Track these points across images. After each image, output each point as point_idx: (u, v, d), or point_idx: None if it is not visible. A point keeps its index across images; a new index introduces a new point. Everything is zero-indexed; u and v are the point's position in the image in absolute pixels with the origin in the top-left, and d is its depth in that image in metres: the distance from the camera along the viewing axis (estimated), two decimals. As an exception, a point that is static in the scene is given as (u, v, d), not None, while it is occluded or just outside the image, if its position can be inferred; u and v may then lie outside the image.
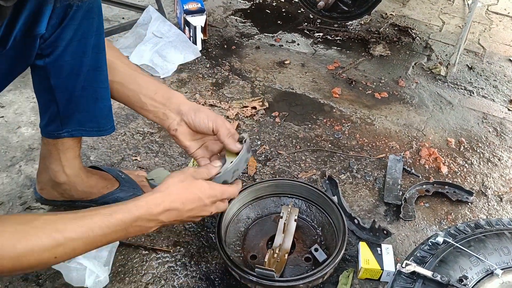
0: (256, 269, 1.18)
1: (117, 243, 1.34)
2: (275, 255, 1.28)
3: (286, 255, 1.31)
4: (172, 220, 1.05)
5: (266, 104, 2.02)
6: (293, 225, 1.37)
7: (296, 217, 1.38)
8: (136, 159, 1.68)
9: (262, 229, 1.43)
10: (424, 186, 1.65)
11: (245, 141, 1.20)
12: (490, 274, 1.04)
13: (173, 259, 1.36)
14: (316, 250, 1.33)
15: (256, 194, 1.46)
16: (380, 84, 2.26)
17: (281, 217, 1.37)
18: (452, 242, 1.09)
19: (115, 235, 0.96)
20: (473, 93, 2.27)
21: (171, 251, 1.38)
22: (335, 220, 1.37)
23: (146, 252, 1.37)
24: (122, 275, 1.31)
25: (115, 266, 1.33)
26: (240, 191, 1.38)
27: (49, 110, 1.21)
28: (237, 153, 1.19)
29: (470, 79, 2.37)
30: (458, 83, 2.32)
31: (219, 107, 1.98)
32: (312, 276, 1.19)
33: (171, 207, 1.02)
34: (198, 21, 2.27)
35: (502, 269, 1.03)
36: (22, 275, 1.27)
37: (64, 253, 0.89)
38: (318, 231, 1.42)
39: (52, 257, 0.87)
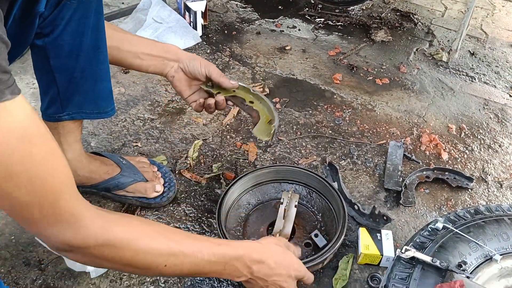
0: None
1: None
2: None
3: (286, 240, 1.30)
4: (259, 277, 1.04)
5: (267, 90, 2.02)
6: (293, 211, 1.37)
7: (296, 203, 1.38)
8: (137, 145, 1.68)
9: (263, 214, 1.43)
10: (424, 172, 1.65)
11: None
12: (489, 259, 1.04)
13: (174, 244, 1.37)
14: (316, 235, 1.34)
15: (256, 180, 1.46)
16: (381, 70, 2.25)
17: (282, 203, 1.38)
18: (452, 228, 1.09)
19: (215, 267, 0.96)
20: (475, 79, 2.26)
21: (172, 236, 1.39)
22: (335, 206, 1.38)
23: (147, 237, 1.38)
24: (124, 260, 1.32)
25: (117, 251, 1.33)
26: (241, 177, 1.42)
27: (49, 92, 1.21)
28: (231, 89, 1.33)
29: (472, 65, 2.36)
30: (460, 69, 2.31)
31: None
32: (312, 262, 1.19)
33: (266, 261, 1.03)
34: (198, 6, 2.25)
35: (501, 255, 1.04)
36: (25, 260, 1.28)
37: (173, 264, 0.90)
38: (318, 217, 1.43)
39: (163, 264, 0.88)
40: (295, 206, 1.38)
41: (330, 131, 1.83)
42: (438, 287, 0.90)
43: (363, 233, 1.37)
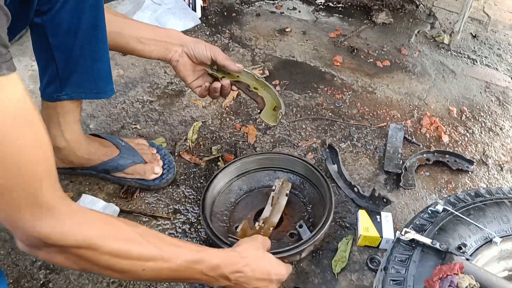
0: (229, 238, 1.19)
1: (118, 210, 1.34)
2: (258, 227, 1.27)
3: (271, 228, 1.28)
4: (239, 283, 1.03)
5: (267, 72, 2.00)
6: (283, 200, 1.33)
7: (288, 192, 1.35)
8: (136, 127, 1.67)
9: (253, 201, 1.41)
10: (424, 155, 1.65)
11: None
12: (489, 242, 1.04)
13: (173, 226, 1.37)
14: (300, 226, 1.31)
15: (249, 167, 1.44)
16: (382, 52, 2.23)
17: (273, 190, 1.35)
18: (452, 210, 1.09)
19: (192, 273, 0.94)
20: (477, 61, 2.24)
21: (171, 218, 1.39)
22: (326, 199, 1.34)
23: (147, 219, 1.38)
24: (123, 242, 1.32)
25: (116, 233, 1.33)
26: (232, 162, 1.42)
27: (48, 71, 1.20)
28: (237, 72, 1.32)
29: (474, 48, 2.34)
30: (462, 52, 2.29)
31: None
32: (288, 252, 1.18)
33: (243, 270, 1.02)
34: (197, -13, 2.22)
35: (501, 237, 1.04)
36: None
37: (151, 269, 0.87)
38: (308, 208, 1.41)
39: (141, 268, 0.85)
40: (286, 195, 1.34)
41: (330, 114, 1.82)
42: (437, 269, 0.90)
43: (362, 215, 1.37)
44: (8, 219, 0.73)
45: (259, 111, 1.37)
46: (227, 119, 1.75)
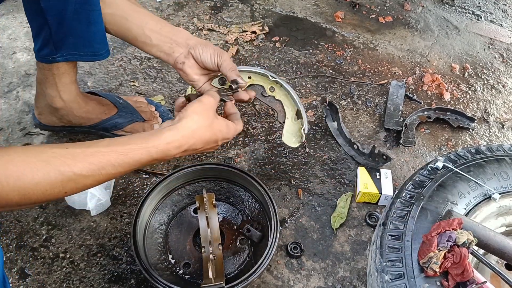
0: None
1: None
2: (206, 252, 1.13)
3: (220, 246, 1.16)
4: (187, 153, 1.00)
5: (266, 28, 1.96)
6: (214, 213, 1.21)
7: (214, 202, 1.22)
8: (134, 85, 1.65)
9: (181, 229, 1.27)
10: (425, 113, 1.63)
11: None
12: (488, 198, 1.04)
13: (173, 183, 1.37)
14: (248, 231, 1.23)
15: (160, 195, 1.26)
16: (385, 8, 2.17)
17: (199, 209, 1.21)
18: (452, 167, 1.09)
19: (128, 169, 0.90)
20: (481, 17, 2.19)
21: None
22: (253, 190, 1.27)
23: (147, 176, 1.38)
24: (124, 198, 1.33)
25: (116, 190, 1.34)
26: (142, 202, 1.20)
27: (42, 34, 1.17)
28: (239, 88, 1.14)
29: (479, 3, 2.28)
30: (466, 7, 2.24)
31: (218, 31, 1.92)
32: (256, 273, 1.09)
33: (189, 148, 0.98)
34: None
35: (500, 194, 1.04)
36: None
37: (74, 187, 0.84)
38: (241, 207, 1.31)
39: (62, 191, 0.82)
40: (214, 206, 1.22)
41: (331, 71, 1.80)
42: (436, 224, 0.91)
43: (362, 172, 1.37)
44: None
45: (279, 122, 1.20)
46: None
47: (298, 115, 1.19)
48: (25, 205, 0.81)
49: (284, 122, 1.20)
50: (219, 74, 1.17)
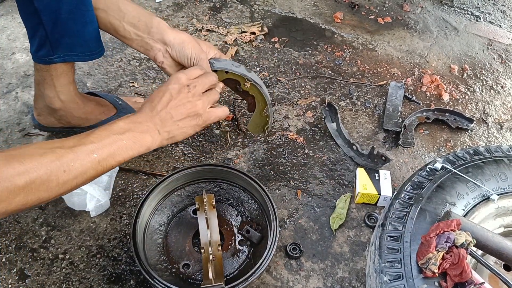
0: None
1: (117, 168, 1.34)
2: (206, 253, 1.13)
3: (219, 247, 1.17)
4: (161, 124, 0.99)
5: (266, 29, 1.96)
6: (213, 214, 1.21)
7: (214, 204, 1.22)
8: (134, 86, 1.66)
9: (181, 230, 1.26)
10: (424, 113, 1.64)
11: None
12: (486, 199, 1.05)
13: (172, 184, 1.37)
14: (248, 232, 1.22)
15: (160, 196, 1.26)
16: (384, 9, 2.18)
17: (198, 209, 1.22)
18: (450, 168, 1.09)
19: (113, 146, 0.91)
20: (480, 18, 2.20)
21: (171, 176, 1.39)
22: (253, 191, 1.27)
23: (146, 177, 1.39)
24: (123, 199, 1.33)
25: (116, 191, 1.34)
26: (144, 198, 1.19)
27: (37, 34, 1.17)
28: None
29: (478, 4, 2.28)
30: (465, 8, 2.24)
31: (217, 32, 1.92)
32: (255, 274, 1.09)
33: (157, 104, 0.98)
34: None
35: (498, 195, 1.04)
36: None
37: (71, 164, 0.84)
38: (240, 208, 1.31)
39: (61, 169, 0.83)
40: (214, 207, 1.22)
41: (330, 71, 1.80)
42: (435, 225, 0.91)
43: (361, 173, 1.37)
44: None
45: (247, 114, 1.26)
46: (226, 77, 1.73)
47: (267, 111, 1.25)
48: (31, 194, 0.81)
49: (253, 113, 1.26)
50: None
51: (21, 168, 0.78)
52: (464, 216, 0.99)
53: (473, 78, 1.85)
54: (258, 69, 1.77)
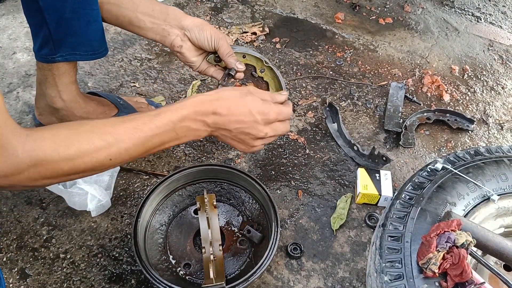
0: None
1: (118, 168, 1.35)
2: (208, 253, 1.13)
3: (220, 247, 1.17)
4: (219, 127, 1.00)
5: (267, 29, 1.96)
6: (214, 214, 1.21)
7: (215, 203, 1.22)
8: (135, 85, 1.66)
9: (182, 230, 1.26)
10: (425, 114, 1.64)
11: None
12: (486, 199, 1.05)
13: (173, 184, 1.38)
14: (249, 232, 1.22)
15: (161, 196, 1.26)
16: (385, 9, 2.18)
17: (199, 209, 1.22)
18: (451, 168, 1.09)
19: (166, 136, 0.93)
20: (481, 19, 2.20)
21: (172, 176, 1.39)
22: (254, 191, 1.27)
23: (147, 177, 1.39)
24: (124, 199, 1.33)
25: (117, 191, 1.35)
26: (146, 198, 1.20)
27: (40, 33, 1.17)
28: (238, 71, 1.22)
29: (478, 5, 2.29)
30: (466, 9, 2.25)
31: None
32: (256, 274, 1.09)
33: (216, 110, 0.97)
34: None
35: (498, 195, 1.04)
36: (27, 199, 1.29)
37: (118, 153, 0.88)
38: (241, 208, 1.31)
39: (107, 158, 0.86)
40: (215, 207, 1.22)
41: (331, 72, 1.80)
42: (435, 225, 0.91)
43: (362, 173, 1.37)
44: None
45: None
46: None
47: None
48: (75, 174, 0.86)
49: None
50: (215, 56, 1.21)
51: (66, 155, 0.82)
52: (464, 217, 0.99)
53: (474, 78, 1.86)
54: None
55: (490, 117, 1.69)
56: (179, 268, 1.19)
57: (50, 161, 0.80)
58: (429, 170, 1.11)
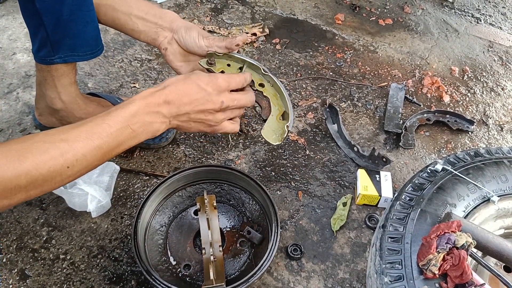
0: None
1: (118, 169, 1.35)
2: (208, 254, 1.12)
3: (221, 248, 1.16)
4: (176, 115, 0.97)
5: (267, 30, 1.96)
6: (214, 214, 1.20)
7: (215, 204, 1.21)
8: (135, 86, 1.66)
9: (182, 230, 1.26)
10: (425, 115, 1.64)
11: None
12: (486, 201, 1.05)
13: (173, 185, 1.38)
14: (249, 233, 1.22)
15: (161, 197, 1.26)
16: (385, 10, 2.18)
17: (199, 210, 1.20)
18: (451, 169, 1.09)
19: (121, 134, 0.90)
20: (480, 20, 2.20)
21: (172, 177, 1.39)
22: (254, 192, 1.27)
23: (147, 177, 1.39)
24: (124, 200, 1.33)
25: (117, 191, 1.35)
26: (146, 199, 1.20)
27: (38, 35, 1.17)
28: (230, 50, 1.15)
29: (478, 6, 2.29)
30: (466, 10, 2.25)
31: (218, 33, 1.92)
32: (256, 275, 1.08)
33: (167, 97, 0.95)
34: None
35: (498, 196, 1.05)
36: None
37: (74, 160, 0.84)
38: (241, 209, 1.31)
39: (65, 166, 0.83)
40: (215, 208, 1.21)
41: (331, 73, 1.80)
42: (435, 227, 0.91)
43: (362, 174, 1.37)
44: None
45: (262, 120, 1.14)
46: (227, 78, 1.74)
47: (285, 116, 1.15)
48: (35, 188, 0.82)
49: (267, 119, 1.15)
50: (207, 55, 1.14)
51: (22, 168, 0.78)
52: (464, 218, 0.99)
53: (474, 80, 1.86)
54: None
55: (490, 118, 1.70)
56: (179, 269, 1.19)
57: (5, 178, 0.77)
58: (429, 171, 1.11)
